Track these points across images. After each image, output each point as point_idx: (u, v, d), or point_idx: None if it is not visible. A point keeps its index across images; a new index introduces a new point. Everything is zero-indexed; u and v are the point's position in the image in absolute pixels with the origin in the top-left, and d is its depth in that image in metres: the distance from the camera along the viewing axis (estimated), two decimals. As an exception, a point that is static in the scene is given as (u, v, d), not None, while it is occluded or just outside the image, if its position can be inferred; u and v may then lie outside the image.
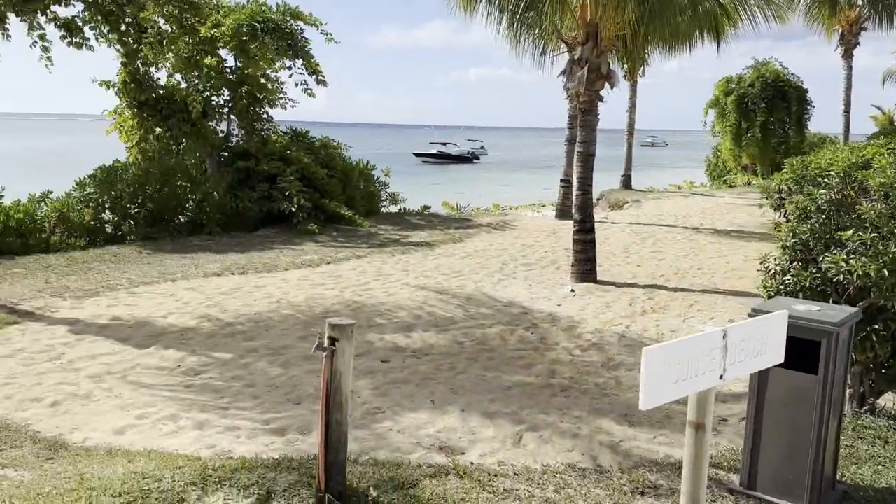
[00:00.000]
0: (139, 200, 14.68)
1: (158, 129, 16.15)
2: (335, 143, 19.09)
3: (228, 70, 16.87)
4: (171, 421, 5.75)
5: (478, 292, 10.59)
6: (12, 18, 13.29)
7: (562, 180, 19.81)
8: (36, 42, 13.41)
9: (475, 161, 76.10)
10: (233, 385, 6.66)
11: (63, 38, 14.51)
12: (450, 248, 14.58)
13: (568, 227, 17.30)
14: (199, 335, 8.18)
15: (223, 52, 16.56)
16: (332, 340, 4.00)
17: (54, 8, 13.99)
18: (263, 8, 16.18)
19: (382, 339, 8.13)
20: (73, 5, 14.18)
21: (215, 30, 15.49)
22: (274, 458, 4.76)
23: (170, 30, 14.96)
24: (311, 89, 17.15)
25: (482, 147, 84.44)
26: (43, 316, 8.78)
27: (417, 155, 73.41)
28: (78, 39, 14.51)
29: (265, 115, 17.91)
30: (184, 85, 16.63)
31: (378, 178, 19.90)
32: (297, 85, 17.09)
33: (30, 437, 5.35)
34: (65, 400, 6.17)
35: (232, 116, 17.50)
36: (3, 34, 13.33)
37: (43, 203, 13.73)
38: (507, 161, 79.71)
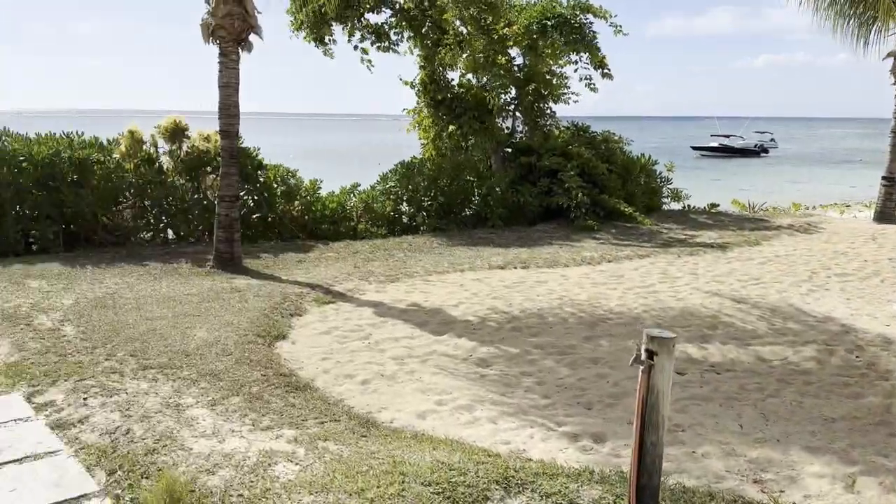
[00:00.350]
0: (432, 194, 15.63)
1: (451, 127, 17.04)
2: (616, 138, 18.61)
3: (517, 68, 17.20)
4: (467, 411, 5.88)
5: (783, 303, 9.45)
6: (335, 26, 15.05)
7: (884, 178, 17.15)
8: (357, 45, 15.03)
9: (763, 155, 69.27)
10: (522, 381, 6.65)
11: (373, 42, 16.05)
12: (745, 250, 13.31)
13: (890, 232, 14.98)
14: (487, 326, 8.37)
15: (512, 51, 16.93)
16: (650, 354, 3.70)
17: (367, 16, 15.55)
18: (553, 4, 16.19)
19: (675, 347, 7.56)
20: (384, 12, 15.60)
21: (507, 29, 15.86)
22: (574, 467, 4.59)
23: (465, 31, 15.70)
24: (594, 83, 16.86)
25: (772, 139, 76.55)
26: (352, 297, 9.63)
27: (696, 149, 68.98)
28: (386, 44, 15.95)
29: (548, 111, 18.02)
30: (474, 82, 17.31)
31: (660, 174, 19.01)
32: (581, 79, 16.91)
33: (345, 412, 5.76)
34: (373, 379, 6.61)
35: (517, 113, 17.85)
36: (329, 38, 15.16)
37: (352, 195, 15.25)
38: (800, 154, 71.62)
